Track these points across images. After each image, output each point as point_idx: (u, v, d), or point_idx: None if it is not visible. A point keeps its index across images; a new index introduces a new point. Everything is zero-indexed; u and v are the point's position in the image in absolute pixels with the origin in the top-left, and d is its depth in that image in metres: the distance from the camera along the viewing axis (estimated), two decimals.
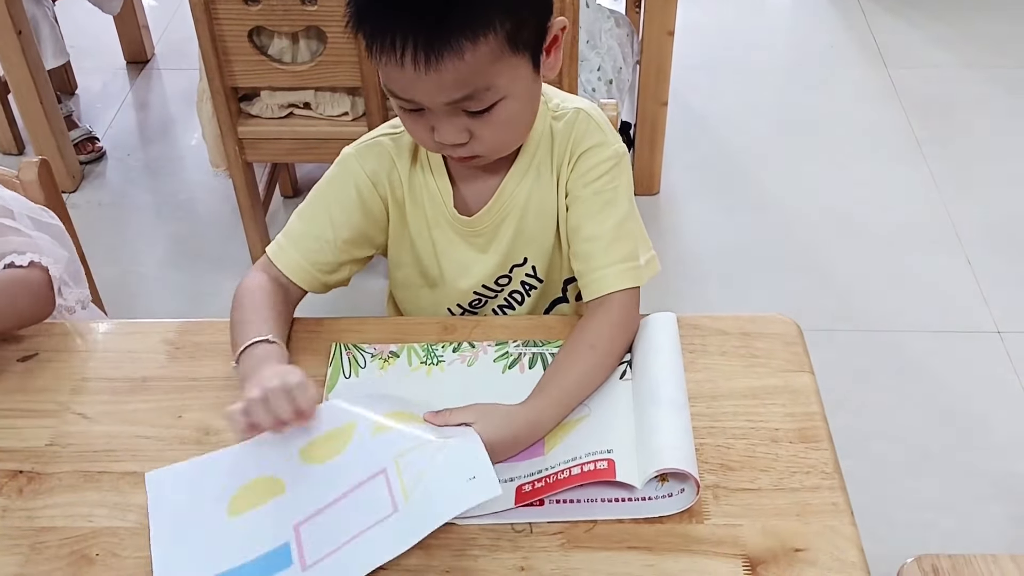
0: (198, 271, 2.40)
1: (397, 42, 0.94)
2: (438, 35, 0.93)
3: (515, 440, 0.99)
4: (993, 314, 2.22)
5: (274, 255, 1.15)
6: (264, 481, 0.99)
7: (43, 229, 1.23)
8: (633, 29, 2.41)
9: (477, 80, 0.97)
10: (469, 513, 0.93)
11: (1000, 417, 2.01)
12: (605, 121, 1.14)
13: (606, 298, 1.09)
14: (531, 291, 1.24)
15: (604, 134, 1.12)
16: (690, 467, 0.92)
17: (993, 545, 1.80)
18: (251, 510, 0.97)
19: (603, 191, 1.11)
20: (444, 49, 0.94)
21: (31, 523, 0.96)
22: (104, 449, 1.03)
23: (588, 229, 1.11)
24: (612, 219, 1.11)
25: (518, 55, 0.99)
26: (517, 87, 1.01)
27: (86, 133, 2.73)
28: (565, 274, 1.23)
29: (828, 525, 0.93)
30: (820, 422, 1.03)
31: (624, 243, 1.11)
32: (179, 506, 0.98)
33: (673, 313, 1.12)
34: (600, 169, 1.11)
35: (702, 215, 2.54)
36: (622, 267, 1.10)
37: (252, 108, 2.07)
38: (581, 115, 1.12)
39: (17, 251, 1.17)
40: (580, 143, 1.12)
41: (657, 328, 1.09)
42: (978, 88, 2.94)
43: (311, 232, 1.15)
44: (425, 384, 1.09)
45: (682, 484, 0.94)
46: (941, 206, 2.52)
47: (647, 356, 1.06)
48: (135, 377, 1.11)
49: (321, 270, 1.16)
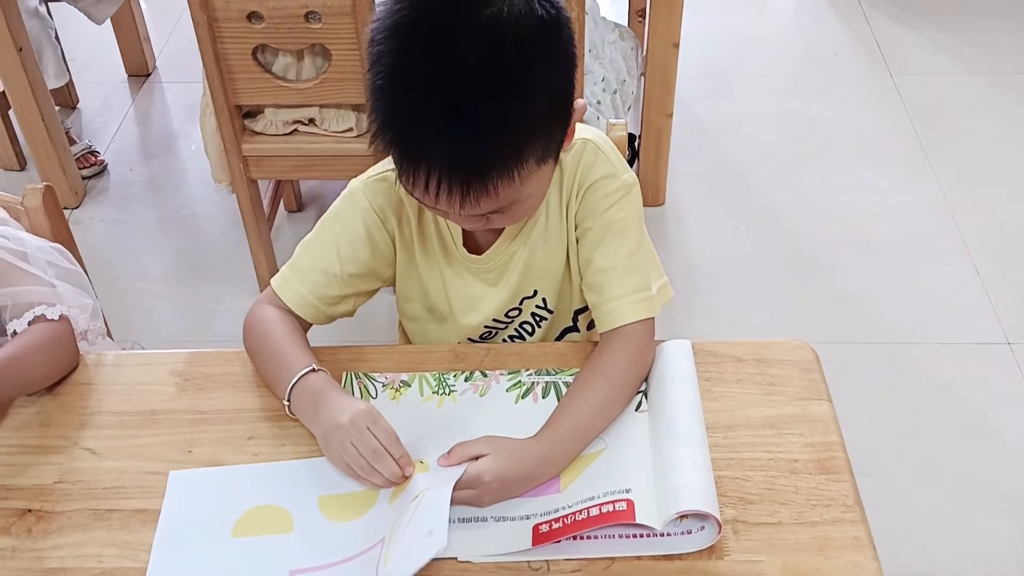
0: (202, 288, 2.38)
1: (430, 181, 0.92)
2: (473, 176, 0.91)
3: (529, 475, 0.98)
4: (1003, 324, 2.21)
5: (279, 288, 1.14)
6: (276, 511, 0.99)
7: (63, 276, 1.21)
8: (637, 42, 2.39)
9: (506, 201, 0.96)
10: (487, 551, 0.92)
11: (1011, 430, 2.00)
12: (613, 150, 1.13)
13: (621, 329, 1.08)
14: (541, 322, 1.22)
15: (612, 164, 1.11)
16: (711, 507, 0.91)
17: (1005, 561, 1.78)
18: (254, 536, 0.97)
19: (613, 222, 1.10)
20: (480, 191, 0.92)
21: (40, 564, 0.95)
22: (114, 486, 1.02)
23: (600, 261, 1.10)
24: (623, 250, 1.10)
25: (547, 163, 0.99)
26: (542, 186, 1.01)
27: (86, 147, 2.71)
28: (576, 304, 1.22)
29: (850, 560, 0.92)
30: (840, 452, 1.02)
31: (636, 274, 1.10)
32: (189, 512, 0.99)
33: (688, 340, 1.10)
34: (609, 200, 1.10)
35: (708, 226, 2.53)
36: (635, 298, 1.08)
37: (256, 125, 2.06)
38: (589, 146, 1.10)
39: (46, 303, 1.14)
40: (588, 175, 1.10)
41: (673, 356, 1.08)
42: (983, 94, 2.93)
43: (318, 266, 1.13)
44: (437, 415, 1.07)
45: (702, 522, 0.93)
46: (948, 215, 2.50)
47: (663, 386, 1.05)
48: (144, 410, 1.10)
49: (326, 303, 1.14)
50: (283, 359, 1.08)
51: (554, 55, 0.94)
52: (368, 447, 0.97)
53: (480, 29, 0.88)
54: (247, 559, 0.95)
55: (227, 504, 1.00)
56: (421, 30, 0.90)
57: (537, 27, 0.90)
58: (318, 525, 0.97)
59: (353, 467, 0.98)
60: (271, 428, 1.07)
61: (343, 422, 0.98)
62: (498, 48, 0.88)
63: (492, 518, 0.96)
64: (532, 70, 0.91)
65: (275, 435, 1.06)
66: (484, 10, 0.89)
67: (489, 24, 0.88)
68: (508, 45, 0.88)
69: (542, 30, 0.91)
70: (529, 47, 0.90)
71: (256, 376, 1.13)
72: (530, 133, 0.93)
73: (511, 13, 0.89)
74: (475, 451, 0.98)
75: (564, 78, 0.96)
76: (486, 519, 0.96)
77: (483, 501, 0.96)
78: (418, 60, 0.90)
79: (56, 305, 1.15)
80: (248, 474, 1.03)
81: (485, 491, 0.96)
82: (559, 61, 0.95)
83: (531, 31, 0.90)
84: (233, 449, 1.05)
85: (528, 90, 0.91)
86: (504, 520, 0.96)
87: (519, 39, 0.89)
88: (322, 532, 0.97)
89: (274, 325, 1.12)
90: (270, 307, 1.14)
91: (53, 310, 1.14)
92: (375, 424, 0.98)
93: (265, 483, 1.01)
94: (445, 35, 0.88)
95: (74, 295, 1.19)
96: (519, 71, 0.90)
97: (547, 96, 0.93)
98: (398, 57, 0.91)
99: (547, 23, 0.91)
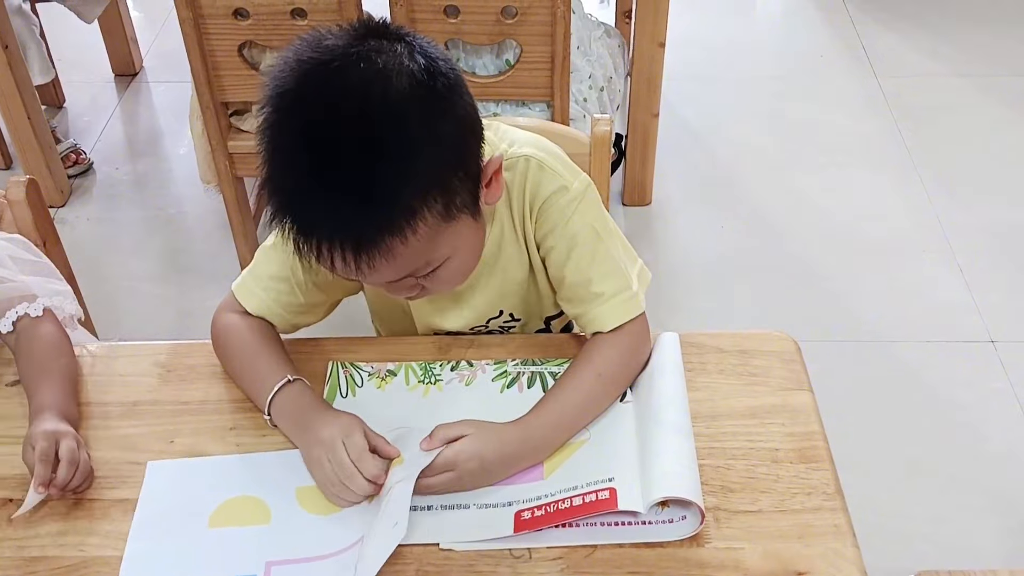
0: (188, 286, 2.37)
1: (323, 249, 0.90)
2: (363, 241, 0.88)
3: (507, 457, 0.98)
4: (986, 323, 2.22)
5: (242, 296, 1.12)
6: (252, 501, 0.99)
7: (28, 269, 1.19)
8: (624, 41, 2.40)
9: (417, 261, 0.94)
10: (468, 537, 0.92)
11: (994, 427, 2.01)
12: (557, 157, 1.08)
13: (619, 329, 1.07)
14: (511, 330, 1.22)
15: (559, 175, 1.06)
16: (694, 495, 0.91)
17: (989, 557, 1.79)
18: (231, 527, 0.97)
19: (576, 234, 1.06)
20: (374, 252, 0.89)
21: (21, 553, 0.95)
22: (96, 475, 1.02)
23: (572, 276, 1.08)
24: (594, 258, 1.07)
25: (456, 220, 0.95)
26: (461, 244, 0.98)
27: (71, 146, 2.71)
28: (547, 312, 1.21)
29: (831, 548, 0.92)
30: (820, 441, 1.03)
31: (612, 277, 1.07)
32: (166, 502, 0.99)
33: (676, 333, 1.11)
34: (566, 214, 1.06)
35: (694, 226, 2.54)
36: (616, 301, 1.06)
37: (243, 124, 2.06)
38: (532, 164, 1.06)
39: (26, 300, 1.13)
40: (537, 195, 1.06)
41: (660, 348, 1.08)
42: (968, 96, 2.95)
43: (280, 273, 1.10)
44: (422, 404, 1.08)
45: (684, 511, 0.93)
46: (932, 215, 2.52)
47: (650, 377, 1.05)
48: (126, 401, 1.10)
49: (291, 311, 1.12)
50: (257, 371, 1.06)
51: (436, 108, 0.90)
52: (339, 462, 0.96)
53: (347, 93, 0.87)
54: (224, 549, 0.95)
55: (204, 494, 0.99)
56: (293, 104, 0.88)
57: (409, 84, 0.88)
58: (295, 517, 0.97)
59: (325, 486, 0.97)
60: (253, 419, 1.07)
61: (323, 437, 0.98)
62: (365, 110, 0.86)
63: (475, 505, 0.96)
64: (405, 129, 0.88)
65: (257, 426, 1.06)
66: (350, 75, 0.87)
67: (355, 88, 0.87)
68: (375, 106, 0.86)
69: (417, 87, 0.88)
70: (401, 105, 0.88)
71: None
72: (417, 191, 0.89)
73: (380, 74, 0.87)
74: (456, 432, 0.98)
75: (457, 130, 0.93)
76: (468, 506, 0.96)
77: (463, 483, 0.96)
78: (292, 134, 0.89)
79: (37, 299, 1.14)
80: (226, 465, 1.02)
81: (464, 472, 0.96)
82: (445, 113, 0.91)
83: (403, 89, 0.88)
84: (215, 440, 1.05)
85: (406, 149, 0.87)
86: (487, 507, 0.96)
87: (387, 99, 0.87)
88: (299, 524, 0.96)
89: (242, 334, 1.10)
90: (234, 315, 1.12)
91: (35, 306, 1.13)
92: (349, 438, 0.97)
93: (243, 474, 1.01)
94: (316, 109, 0.87)
95: (47, 285, 1.18)
96: (390, 132, 0.87)
97: (435, 151, 0.90)
98: (276, 134, 0.90)
99: (421, 80, 0.89)
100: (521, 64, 1.92)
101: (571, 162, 1.11)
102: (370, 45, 0.89)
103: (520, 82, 1.94)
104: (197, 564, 0.94)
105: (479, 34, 1.89)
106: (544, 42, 1.87)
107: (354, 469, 0.95)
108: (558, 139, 1.25)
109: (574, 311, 1.11)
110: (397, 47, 0.90)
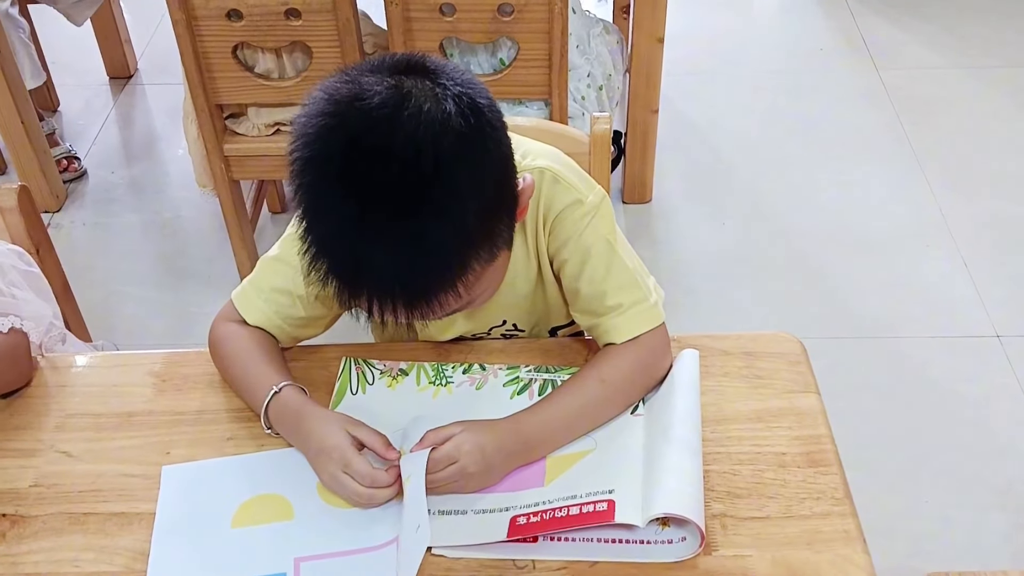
0: (185, 291, 2.36)
1: (373, 307, 0.89)
2: (416, 299, 0.88)
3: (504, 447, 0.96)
4: (991, 317, 2.20)
5: (241, 307, 1.10)
6: (274, 499, 0.98)
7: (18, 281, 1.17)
8: (622, 38, 2.38)
9: (460, 304, 0.94)
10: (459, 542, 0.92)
11: (1001, 423, 1.99)
12: (572, 170, 1.07)
13: (632, 340, 1.05)
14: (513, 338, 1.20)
15: (575, 189, 1.05)
16: (695, 515, 0.88)
17: (997, 555, 1.77)
18: (254, 526, 0.96)
19: (590, 247, 1.05)
20: (426, 309, 0.90)
21: (15, 570, 0.93)
22: (90, 489, 1.00)
23: (586, 288, 1.06)
24: (605, 270, 1.05)
25: (498, 257, 0.95)
26: (497, 275, 0.99)
27: (66, 152, 2.69)
28: (553, 322, 1.20)
29: (840, 554, 0.90)
30: (828, 444, 1.01)
31: (627, 289, 1.05)
32: (186, 506, 0.98)
33: (696, 351, 1.08)
34: (579, 227, 1.04)
35: (695, 222, 2.52)
36: (633, 312, 1.05)
37: (238, 127, 2.04)
38: (546, 176, 1.04)
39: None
40: (551, 208, 1.05)
41: (679, 365, 1.06)
42: (969, 88, 2.93)
43: (283, 286, 1.08)
44: (431, 406, 1.06)
45: (683, 532, 0.91)
46: (935, 208, 2.50)
47: (666, 393, 1.03)
48: (121, 412, 1.08)
49: (292, 324, 1.11)
50: (254, 379, 1.05)
51: (485, 158, 0.89)
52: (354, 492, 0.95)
53: (397, 143, 0.83)
54: (249, 549, 0.94)
55: (223, 495, 0.99)
56: (333, 165, 0.85)
57: (457, 136, 0.85)
58: (319, 511, 0.96)
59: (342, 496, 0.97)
60: (251, 429, 1.05)
61: (327, 446, 0.97)
62: (417, 163, 0.83)
63: (472, 511, 0.95)
64: (455, 184, 0.85)
65: (255, 435, 1.04)
66: (398, 123, 0.84)
67: (404, 138, 0.83)
68: (427, 159, 0.83)
69: (464, 138, 0.86)
70: (450, 157, 0.85)
71: None
72: (470, 246, 0.89)
73: (427, 123, 0.84)
74: (446, 434, 0.96)
75: (498, 178, 0.92)
76: (466, 512, 0.95)
77: (468, 472, 0.94)
78: (336, 194, 0.86)
79: (9, 315, 1.11)
80: (241, 465, 1.02)
81: (468, 461, 0.94)
82: (486, 165, 0.89)
83: (451, 140, 0.85)
84: (212, 451, 1.03)
85: (456, 204, 0.86)
86: (484, 512, 0.94)
87: (438, 150, 0.84)
88: (324, 518, 0.96)
89: (241, 342, 1.08)
90: (233, 324, 1.10)
91: (3, 321, 1.10)
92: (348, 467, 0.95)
93: (260, 472, 1.01)
94: (360, 168, 0.84)
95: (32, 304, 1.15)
96: (442, 187, 0.85)
97: (484, 203, 0.89)
98: (317, 193, 0.87)
99: (468, 128, 0.86)
100: (518, 62, 1.90)
101: (586, 175, 1.09)
102: (408, 85, 0.86)
103: (517, 80, 1.92)
104: (223, 565, 0.93)
105: (475, 32, 1.87)
106: (541, 39, 1.85)
107: (368, 491, 0.94)
108: (556, 138, 1.23)
109: (588, 323, 1.09)
110: (437, 90, 0.87)
